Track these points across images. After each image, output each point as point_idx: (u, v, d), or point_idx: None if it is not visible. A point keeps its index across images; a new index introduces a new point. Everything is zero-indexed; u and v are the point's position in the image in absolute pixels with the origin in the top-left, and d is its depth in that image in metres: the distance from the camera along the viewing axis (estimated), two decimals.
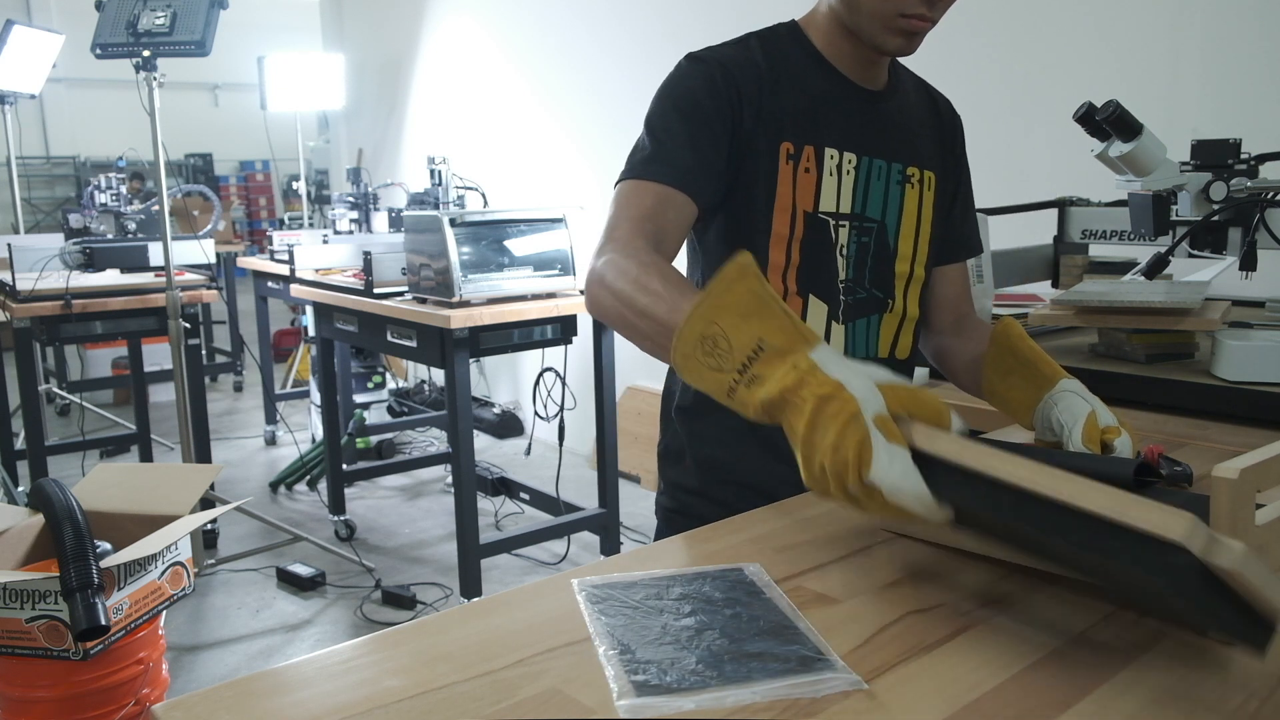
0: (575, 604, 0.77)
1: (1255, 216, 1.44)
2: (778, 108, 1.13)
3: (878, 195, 1.19)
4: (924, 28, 1.09)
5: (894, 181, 1.20)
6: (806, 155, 1.14)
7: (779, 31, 1.19)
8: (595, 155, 4.52)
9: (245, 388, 6.33)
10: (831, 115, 1.16)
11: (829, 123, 1.15)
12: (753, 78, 1.12)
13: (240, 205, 11.83)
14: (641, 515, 3.83)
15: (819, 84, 1.16)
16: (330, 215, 4.78)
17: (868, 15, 1.09)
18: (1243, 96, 2.43)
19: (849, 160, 1.16)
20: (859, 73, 1.18)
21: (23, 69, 4.78)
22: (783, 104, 1.13)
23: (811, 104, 1.15)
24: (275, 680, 0.66)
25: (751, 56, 1.15)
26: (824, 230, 1.16)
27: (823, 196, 1.15)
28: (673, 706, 0.61)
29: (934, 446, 0.71)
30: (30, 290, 3.22)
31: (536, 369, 3.69)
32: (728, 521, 0.98)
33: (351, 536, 3.67)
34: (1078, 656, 0.69)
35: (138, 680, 1.77)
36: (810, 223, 1.15)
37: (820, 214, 1.15)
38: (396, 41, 6.09)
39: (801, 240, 1.15)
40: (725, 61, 1.12)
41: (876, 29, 1.10)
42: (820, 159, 1.15)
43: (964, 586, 0.81)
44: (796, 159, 1.13)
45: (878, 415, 0.70)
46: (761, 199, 1.13)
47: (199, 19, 2.97)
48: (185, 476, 2.04)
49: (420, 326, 2.95)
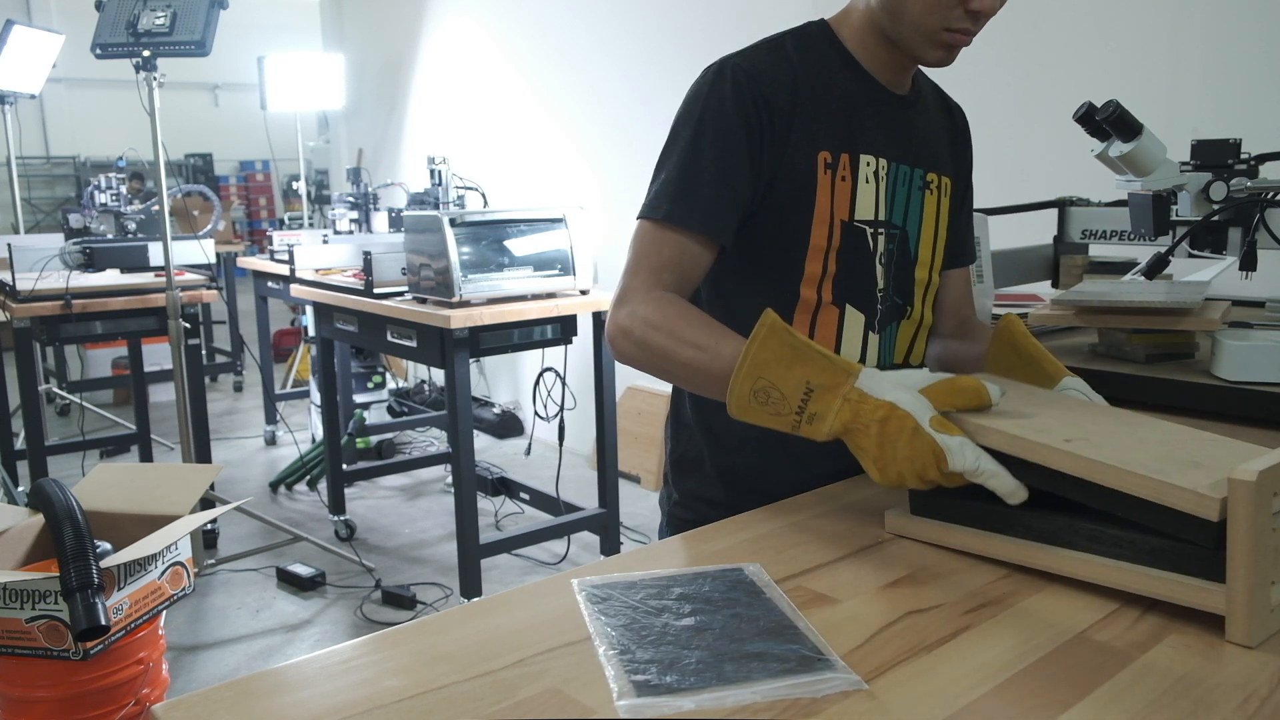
0: (575, 604, 0.77)
1: (1255, 216, 1.44)
2: (813, 115, 1.11)
3: (901, 201, 1.18)
4: (965, 41, 1.08)
5: (915, 187, 1.19)
6: (843, 163, 1.12)
7: (811, 31, 1.17)
8: (595, 155, 4.52)
9: (245, 388, 6.33)
10: (864, 120, 1.14)
11: (862, 128, 1.14)
12: (786, 86, 1.10)
13: (240, 205, 11.83)
14: (641, 515, 3.83)
15: (852, 87, 1.14)
16: (330, 215, 4.78)
17: (911, 26, 1.08)
18: (1243, 96, 2.43)
19: (881, 166, 1.15)
20: (889, 77, 1.17)
21: (23, 69, 4.78)
22: (818, 110, 1.11)
23: (845, 109, 1.13)
24: (275, 680, 0.66)
25: (785, 61, 1.12)
26: (861, 239, 1.14)
27: (859, 204, 1.13)
28: (673, 706, 0.61)
29: (986, 441, 0.83)
30: (30, 290, 3.22)
31: (536, 369, 3.69)
32: (728, 521, 0.98)
33: (351, 536, 3.67)
34: (1078, 656, 0.69)
35: (138, 680, 1.77)
36: (847, 232, 1.13)
37: (856, 222, 1.14)
38: (396, 41, 6.09)
39: (839, 250, 1.13)
40: (756, 73, 1.10)
41: (919, 40, 1.09)
42: (855, 166, 1.13)
43: (964, 586, 0.81)
44: (834, 167, 1.11)
45: (932, 419, 0.83)
46: (799, 211, 1.11)
47: (199, 19, 2.97)
48: (185, 476, 2.04)
49: (420, 326, 2.95)
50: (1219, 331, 1.32)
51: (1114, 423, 0.90)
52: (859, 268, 1.14)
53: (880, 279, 1.16)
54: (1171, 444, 0.84)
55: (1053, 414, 0.91)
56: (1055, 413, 0.91)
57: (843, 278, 1.13)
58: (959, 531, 0.87)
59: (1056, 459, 0.80)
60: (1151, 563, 0.76)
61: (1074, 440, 0.81)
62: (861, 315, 1.16)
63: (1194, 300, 1.35)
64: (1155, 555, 0.76)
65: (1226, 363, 1.28)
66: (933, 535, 0.90)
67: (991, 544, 0.85)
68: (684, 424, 1.26)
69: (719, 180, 1.07)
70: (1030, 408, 0.91)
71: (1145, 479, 0.75)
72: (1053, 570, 0.81)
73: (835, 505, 1.02)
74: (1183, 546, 0.74)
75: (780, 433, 0.90)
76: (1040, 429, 0.84)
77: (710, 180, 1.07)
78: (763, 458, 1.18)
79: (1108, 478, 0.77)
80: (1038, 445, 0.81)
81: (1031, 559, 0.82)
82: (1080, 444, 0.81)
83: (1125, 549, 0.78)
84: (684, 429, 1.26)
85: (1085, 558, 0.79)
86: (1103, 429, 0.87)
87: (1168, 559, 0.75)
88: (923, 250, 1.21)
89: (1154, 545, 0.76)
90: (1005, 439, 0.83)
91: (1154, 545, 0.76)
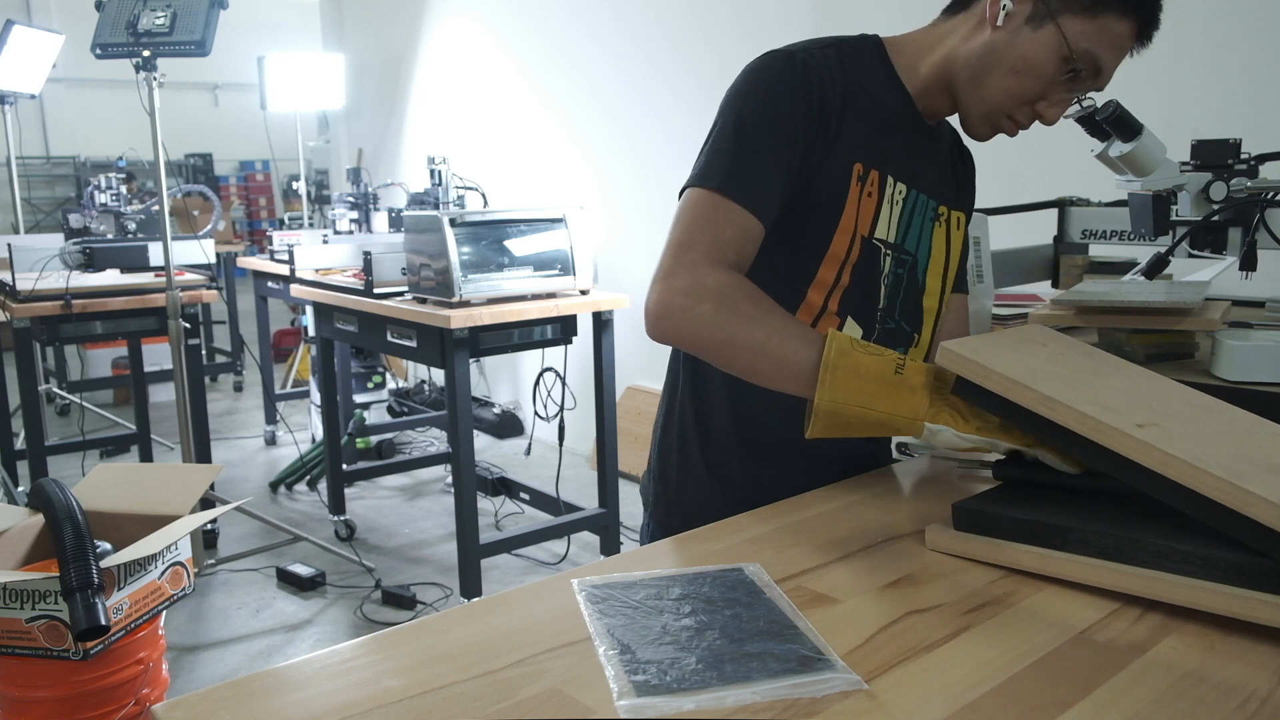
0: (575, 604, 0.77)
1: (1255, 216, 1.44)
2: (856, 123, 1.10)
3: (915, 229, 1.18)
4: (1013, 133, 1.11)
5: (928, 217, 1.19)
6: (872, 179, 1.12)
7: (864, 42, 1.16)
8: (595, 155, 4.51)
9: (245, 388, 6.33)
10: (895, 143, 1.14)
11: (893, 149, 1.14)
12: (837, 90, 1.09)
13: (240, 205, 11.82)
14: (642, 515, 3.83)
15: (891, 108, 1.14)
16: (330, 215, 4.78)
17: (979, 99, 1.09)
18: (1243, 96, 2.43)
19: (900, 190, 1.15)
20: (927, 107, 1.16)
21: (23, 69, 4.78)
22: (861, 120, 1.10)
23: (882, 127, 1.13)
24: (275, 680, 0.66)
25: (841, 63, 1.11)
26: (875, 256, 1.14)
27: (879, 223, 1.13)
28: (673, 706, 0.61)
29: (1055, 416, 0.81)
30: (30, 290, 3.22)
31: (536, 369, 3.68)
32: (728, 521, 0.98)
33: (351, 536, 3.67)
34: (1078, 656, 0.69)
35: (138, 680, 1.77)
36: (865, 247, 1.13)
37: (874, 239, 1.14)
38: (396, 41, 6.09)
39: (855, 264, 1.12)
40: (818, 67, 1.08)
41: (978, 113, 1.11)
42: (883, 185, 1.13)
43: (964, 586, 0.81)
44: (864, 181, 1.11)
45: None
46: (825, 216, 1.11)
47: (199, 19, 2.97)
48: (185, 476, 2.04)
49: (420, 326, 2.95)
50: (1219, 331, 1.32)
51: (1184, 406, 0.87)
52: (868, 284, 1.14)
53: (882, 299, 1.16)
54: (1242, 437, 0.81)
55: (1118, 385, 0.87)
56: (1118, 384, 0.88)
57: (852, 291, 1.13)
58: (1011, 549, 0.83)
59: (1129, 446, 0.77)
60: (1226, 580, 0.72)
61: (1146, 426, 0.78)
62: (859, 329, 1.16)
63: (1194, 300, 1.35)
64: (1230, 572, 0.72)
65: (1226, 363, 1.28)
66: (981, 553, 0.85)
67: (1050, 562, 0.81)
68: (675, 428, 1.23)
69: (776, 167, 1.05)
70: (1095, 377, 0.88)
71: (1222, 482, 0.72)
72: (1119, 589, 0.78)
73: (835, 505, 1.02)
74: (1261, 561, 0.71)
75: (779, 436, 0.90)
76: (1108, 407, 0.80)
77: (771, 164, 1.04)
78: (759, 460, 1.18)
79: (1182, 474, 0.74)
80: (1110, 429, 0.78)
81: (1095, 578, 0.78)
82: (1153, 431, 0.77)
83: (1197, 565, 0.74)
84: (675, 433, 1.23)
85: (1154, 575, 0.75)
86: (1173, 412, 0.83)
87: (1244, 575, 0.71)
88: (931, 279, 1.20)
89: (1229, 561, 0.72)
90: (1075, 416, 0.80)
91: (1229, 561, 0.72)
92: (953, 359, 0.87)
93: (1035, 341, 0.95)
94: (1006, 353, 0.89)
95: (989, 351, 0.88)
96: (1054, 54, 1.04)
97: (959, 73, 1.10)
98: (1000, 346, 0.90)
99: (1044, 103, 1.07)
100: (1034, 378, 0.84)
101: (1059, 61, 1.04)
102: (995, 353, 0.88)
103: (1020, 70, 1.06)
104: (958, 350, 0.87)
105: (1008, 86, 1.07)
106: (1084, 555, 0.79)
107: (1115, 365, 0.95)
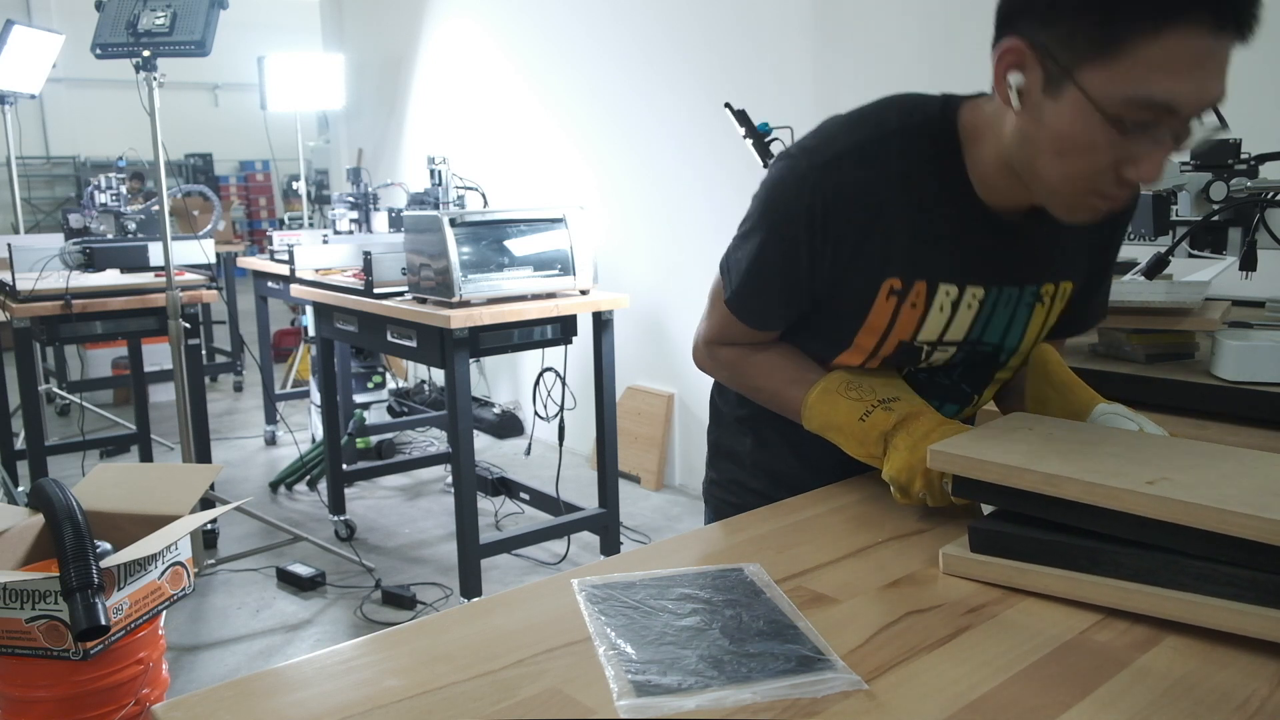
0: (575, 604, 0.77)
1: (1255, 216, 1.44)
2: (890, 238, 0.99)
3: (1001, 322, 1.07)
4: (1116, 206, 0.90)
5: (1023, 304, 1.07)
6: (916, 291, 1.01)
7: (929, 129, 0.99)
8: (595, 155, 4.51)
9: (245, 388, 6.33)
10: (958, 249, 1.01)
11: (954, 257, 1.01)
12: (872, 205, 0.98)
13: (240, 205, 11.82)
14: (642, 515, 3.83)
15: (954, 214, 0.99)
16: (330, 215, 4.78)
17: (1048, 193, 0.91)
18: (1243, 96, 2.43)
19: (973, 295, 1.03)
20: (1006, 204, 0.99)
21: (23, 69, 4.78)
22: (900, 235, 0.99)
23: (938, 237, 1.00)
24: (275, 680, 0.67)
25: (881, 174, 0.98)
26: (915, 353, 1.07)
27: (925, 328, 1.04)
28: (673, 706, 0.61)
29: (1060, 492, 0.79)
30: (30, 290, 3.22)
31: (536, 369, 3.68)
32: (728, 522, 0.98)
33: (351, 536, 3.67)
34: (1078, 656, 0.69)
35: (138, 680, 1.77)
36: (902, 348, 1.06)
37: (916, 343, 1.05)
38: (396, 41, 6.09)
39: (885, 358, 1.07)
40: (841, 186, 0.97)
41: (1056, 202, 0.91)
42: (931, 295, 1.02)
43: (964, 587, 0.81)
44: (902, 295, 1.01)
45: None
46: (846, 319, 1.05)
47: (199, 19, 2.97)
48: (185, 476, 2.04)
49: (420, 326, 2.95)
50: (1219, 331, 1.32)
51: (1186, 456, 0.83)
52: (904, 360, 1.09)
53: (922, 360, 1.09)
54: (1254, 473, 0.77)
55: (1116, 451, 0.84)
56: (1117, 449, 0.85)
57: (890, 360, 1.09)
58: (1035, 572, 0.79)
59: (1144, 505, 0.73)
60: (1275, 603, 0.69)
61: (1156, 482, 0.74)
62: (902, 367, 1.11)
63: (1194, 300, 1.36)
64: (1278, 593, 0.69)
65: (1226, 363, 1.28)
66: (1002, 577, 0.81)
67: (1079, 586, 0.76)
68: (726, 419, 1.29)
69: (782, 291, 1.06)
70: (1091, 447, 0.85)
71: (1251, 519, 0.68)
72: (1157, 615, 0.73)
73: (835, 505, 1.02)
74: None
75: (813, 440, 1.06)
76: (1114, 472, 0.77)
77: (775, 291, 1.07)
78: (801, 462, 1.18)
79: (1207, 520, 0.70)
80: (1120, 491, 0.74)
81: (1131, 603, 0.74)
82: (1164, 485, 0.74)
83: (1243, 588, 0.70)
84: (726, 422, 1.29)
85: (1196, 599, 0.71)
86: (1178, 465, 0.79)
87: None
88: (1015, 359, 1.12)
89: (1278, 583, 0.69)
90: (1080, 487, 0.76)
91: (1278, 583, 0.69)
92: (944, 460, 0.86)
93: (1021, 428, 0.92)
94: (996, 443, 0.87)
95: (978, 446, 0.86)
96: (1091, 119, 0.82)
97: (1012, 157, 0.93)
98: (987, 440, 0.88)
99: (1128, 167, 0.84)
100: (1030, 459, 0.81)
101: (1102, 126, 0.82)
102: (984, 446, 0.86)
103: (1064, 151, 0.85)
104: (947, 450, 0.86)
105: (1063, 171, 0.87)
106: (1116, 579, 0.75)
107: (1106, 433, 0.92)
